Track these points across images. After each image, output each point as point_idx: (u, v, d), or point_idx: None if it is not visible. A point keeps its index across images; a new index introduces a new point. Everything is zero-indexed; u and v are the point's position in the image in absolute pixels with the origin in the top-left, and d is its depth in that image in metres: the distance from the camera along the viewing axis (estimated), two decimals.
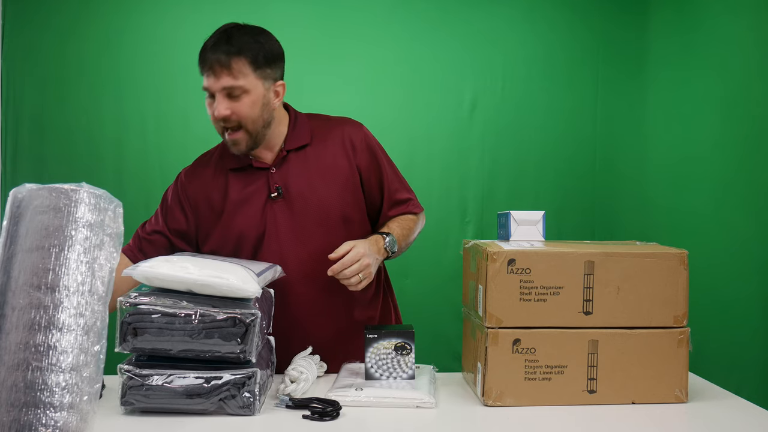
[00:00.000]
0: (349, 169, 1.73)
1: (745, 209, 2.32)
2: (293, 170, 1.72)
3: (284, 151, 1.72)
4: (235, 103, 1.60)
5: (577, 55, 3.09)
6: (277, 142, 1.73)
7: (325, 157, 1.73)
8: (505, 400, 1.41)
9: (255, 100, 1.62)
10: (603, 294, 1.43)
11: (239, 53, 1.60)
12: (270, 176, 1.71)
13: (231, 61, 1.59)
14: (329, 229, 1.69)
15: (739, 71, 2.40)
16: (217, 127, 1.66)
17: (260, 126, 1.65)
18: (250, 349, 1.32)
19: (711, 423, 1.36)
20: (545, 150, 3.07)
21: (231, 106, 1.60)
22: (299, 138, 1.73)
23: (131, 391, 1.32)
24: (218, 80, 1.59)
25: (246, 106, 1.61)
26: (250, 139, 1.65)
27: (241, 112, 1.61)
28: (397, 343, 1.53)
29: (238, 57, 1.59)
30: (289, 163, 1.72)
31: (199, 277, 1.34)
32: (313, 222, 1.70)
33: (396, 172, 1.83)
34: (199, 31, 2.95)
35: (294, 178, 1.71)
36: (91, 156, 2.91)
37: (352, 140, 1.74)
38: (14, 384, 0.89)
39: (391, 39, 3.02)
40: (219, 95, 1.60)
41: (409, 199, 1.83)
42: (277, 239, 1.70)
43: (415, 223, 1.82)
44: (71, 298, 0.93)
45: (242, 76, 1.60)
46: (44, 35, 2.89)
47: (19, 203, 0.99)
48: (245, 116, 1.62)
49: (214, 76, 1.60)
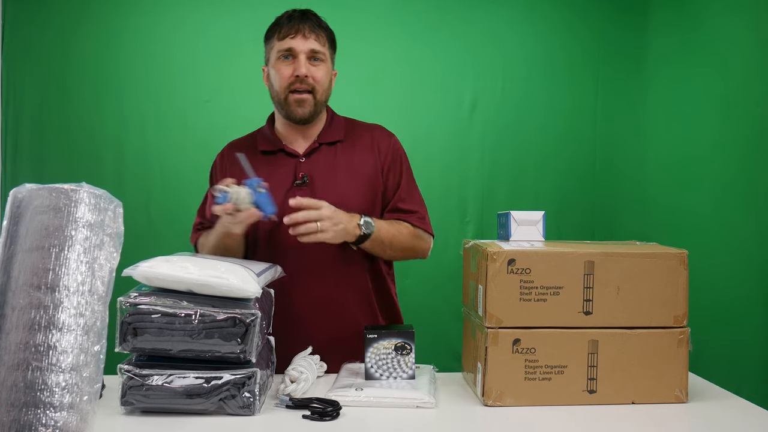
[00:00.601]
0: (373, 172, 1.81)
1: (745, 209, 2.32)
2: (322, 162, 1.78)
3: (317, 143, 1.80)
4: (313, 68, 1.74)
5: (577, 55, 3.09)
6: (313, 134, 1.82)
7: (354, 156, 1.80)
8: (505, 400, 1.41)
9: (327, 72, 1.78)
10: (603, 294, 1.43)
11: (324, 29, 1.78)
12: (298, 164, 1.78)
13: (319, 30, 1.76)
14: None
15: (739, 71, 2.40)
16: (283, 89, 1.74)
17: (324, 98, 1.79)
18: (250, 349, 1.32)
19: (711, 423, 1.36)
20: (545, 150, 3.07)
21: (309, 70, 1.73)
22: (334, 133, 1.83)
23: (131, 391, 1.32)
24: (306, 41, 1.73)
25: (322, 72, 1.75)
26: (314, 106, 1.75)
27: (318, 77, 1.74)
28: (397, 343, 1.53)
29: (323, 30, 1.78)
30: (320, 155, 1.79)
31: (199, 277, 1.34)
32: None
33: (412, 185, 1.88)
34: (199, 31, 2.99)
35: (321, 170, 1.77)
36: (91, 156, 2.91)
37: (379, 145, 1.84)
38: (14, 384, 0.89)
39: (391, 39, 3.03)
40: (302, 56, 1.72)
41: (413, 211, 1.83)
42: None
43: (408, 235, 1.80)
44: (71, 298, 0.93)
45: (324, 46, 1.76)
46: (44, 35, 2.90)
47: (19, 203, 0.99)
48: (319, 81, 1.74)
49: (303, 38, 1.72)
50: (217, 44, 2.98)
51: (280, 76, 1.73)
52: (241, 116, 2.95)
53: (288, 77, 1.72)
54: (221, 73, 2.97)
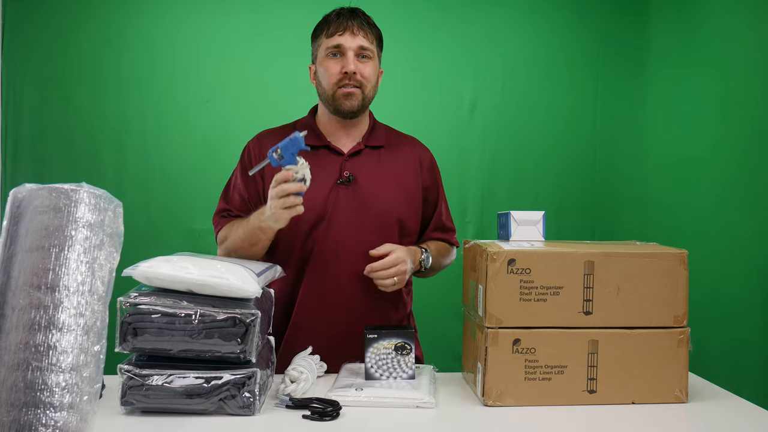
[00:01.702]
0: (415, 184, 1.82)
1: (745, 209, 2.32)
2: (366, 164, 1.79)
3: (362, 144, 1.80)
4: (362, 65, 1.74)
5: (577, 55, 3.09)
6: (357, 134, 1.82)
7: (397, 163, 1.82)
8: (505, 400, 1.41)
9: (374, 69, 1.79)
10: (603, 294, 1.43)
11: (371, 26, 1.79)
12: (343, 162, 1.78)
13: (367, 27, 1.77)
14: (386, 228, 1.75)
15: (739, 71, 2.40)
16: (332, 86, 1.73)
17: (372, 95, 1.80)
18: (250, 349, 1.32)
19: (711, 423, 1.36)
20: (545, 150, 3.08)
21: (358, 66, 1.73)
22: (377, 138, 1.84)
23: (131, 391, 1.32)
24: (355, 38, 1.73)
25: (370, 68, 1.76)
26: (362, 100, 1.75)
27: (366, 74, 1.75)
28: (397, 343, 1.53)
29: (371, 28, 1.79)
30: (364, 156, 1.80)
31: (199, 277, 1.34)
32: (373, 216, 1.74)
33: (445, 203, 1.93)
34: (199, 31, 2.99)
35: (365, 171, 1.78)
36: (91, 156, 2.91)
37: (421, 159, 1.86)
38: (14, 384, 0.89)
39: (391, 39, 3.00)
40: (350, 53, 1.72)
41: (453, 230, 1.94)
42: (336, 224, 1.73)
43: (448, 253, 1.90)
44: (71, 298, 0.93)
45: (372, 44, 1.77)
46: (44, 35, 2.90)
47: (19, 203, 0.99)
48: (368, 77, 1.75)
49: (351, 35, 1.73)
50: (217, 44, 2.98)
51: (329, 73, 1.73)
52: (241, 116, 2.96)
53: (337, 74, 1.72)
54: (221, 73, 2.98)
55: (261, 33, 2.98)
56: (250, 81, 2.98)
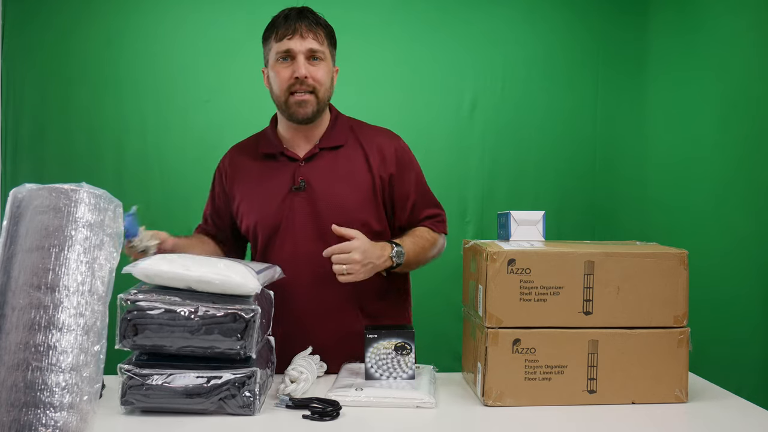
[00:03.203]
0: (371, 178, 1.75)
1: (745, 209, 2.32)
2: (321, 167, 1.75)
3: (318, 147, 1.76)
4: (313, 68, 1.70)
5: (577, 55, 3.09)
6: (315, 136, 1.78)
7: (354, 162, 1.76)
8: (505, 400, 1.41)
9: (328, 71, 1.73)
10: (603, 294, 1.43)
11: (321, 25, 1.73)
12: (297, 168, 1.75)
13: (317, 27, 1.71)
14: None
15: (739, 71, 2.40)
16: (284, 92, 1.71)
17: (326, 98, 1.75)
18: (250, 344, 1.32)
19: (711, 423, 1.36)
20: (545, 150, 3.08)
21: (309, 70, 1.69)
22: (336, 138, 1.79)
23: (131, 391, 1.32)
24: (304, 41, 1.68)
25: (322, 71, 1.71)
26: (316, 105, 1.71)
27: (318, 77, 1.70)
28: (397, 343, 1.53)
29: (321, 27, 1.73)
30: (320, 160, 1.76)
31: (199, 274, 1.34)
32: (329, 221, 1.69)
33: (425, 188, 1.85)
34: (199, 31, 2.99)
35: (320, 176, 1.74)
36: (91, 156, 2.91)
37: (382, 151, 1.78)
38: (14, 384, 0.89)
39: (391, 40, 3.02)
40: (300, 57, 1.68)
41: (431, 216, 1.84)
42: (292, 232, 1.72)
43: (431, 242, 1.81)
44: (71, 298, 0.93)
45: (323, 45, 1.72)
46: (44, 35, 2.90)
47: (19, 203, 0.99)
48: (320, 81, 1.70)
49: (300, 38, 1.68)
50: (217, 44, 2.98)
51: (280, 78, 1.70)
52: (241, 116, 2.96)
53: (287, 79, 1.68)
54: (221, 73, 2.97)
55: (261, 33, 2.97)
56: (250, 81, 2.97)
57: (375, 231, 1.74)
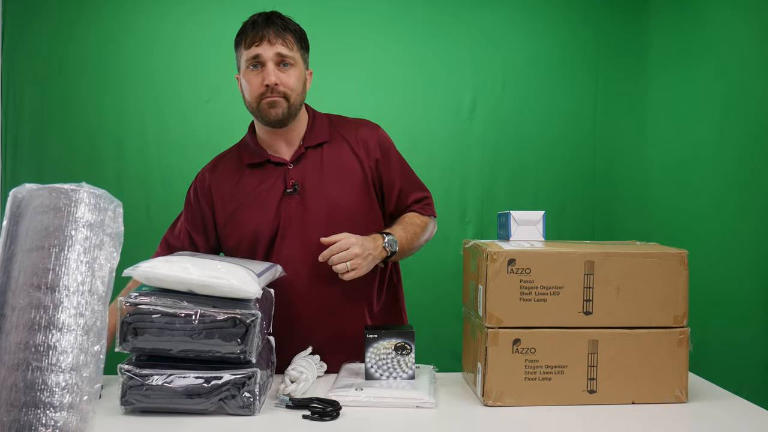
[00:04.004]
0: (361, 170, 1.76)
1: (745, 209, 2.32)
2: (309, 167, 1.75)
3: (303, 147, 1.75)
4: (283, 74, 1.68)
5: (577, 55, 3.09)
6: (296, 138, 1.77)
7: (340, 156, 1.76)
8: (505, 400, 1.41)
9: (299, 76, 1.71)
10: (603, 294, 1.43)
11: (290, 30, 1.71)
12: (287, 172, 1.74)
13: (285, 33, 1.69)
14: (342, 226, 1.69)
15: (739, 71, 2.40)
16: (255, 99, 1.70)
17: (298, 103, 1.73)
18: (251, 349, 1.32)
19: (711, 423, 1.36)
20: (545, 150, 3.07)
21: (279, 77, 1.67)
22: (318, 135, 1.78)
23: (131, 391, 1.32)
24: (272, 47, 1.67)
25: (293, 77, 1.69)
26: (287, 108, 1.70)
27: (288, 83, 1.68)
28: (397, 343, 1.53)
29: (290, 32, 1.70)
30: (307, 159, 1.75)
31: (200, 277, 1.34)
32: (325, 220, 1.71)
33: (409, 173, 1.86)
34: (199, 31, 2.98)
35: (310, 175, 1.74)
36: (91, 156, 2.91)
37: (366, 141, 1.78)
38: (14, 384, 0.89)
39: (391, 39, 3.02)
40: (270, 64, 1.67)
41: (418, 200, 1.84)
42: (291, 236, 1.72)
43: (422, 226, 1.81)
44: (71, 298, 0.93)
45: (293, 50, 1.70)
46: (44, 35, 2.90)
47: (19, 203, 0.99)
48: (291, 87, 1.69)
49: (268, 44, 1.66)
50: (217, 44, 2.97)
51: (251, 86, 1.68)
52: (241, 116, 2.93)
53: (258, 86, 1.67)
54: (221, 73, 2.96)
55: None
56: None
57: (366, 220, 1.75)
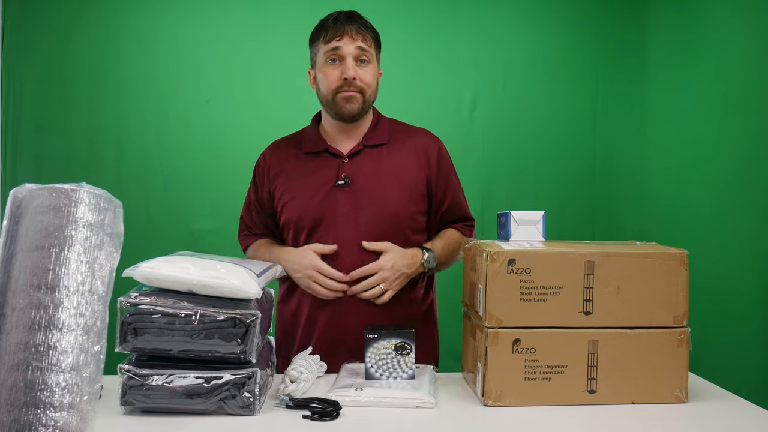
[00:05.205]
0: (418, 177, 1.80)
1: (745, 209, 2.32)
2: (365, 165, 1.78)
3: (362, 144, 1.79)
4: (361, 70, 1.74)
5: (577, 55, 3.09)
6: (358, 135, 1.82)
7: (399, 160, 1.80)
8: (505, 400, 1.41)
9: (374, 73, 1.79)
10: (603, 294, 1.43)
11: (368, 28, 1.78)
12: (341, 165, 1.77)
13: (365, 31, 1.76)
14: (388, 227, 1.74)
15: (739, 71, 2.40)
16: (331, 92, 1.74)
17: (372, 98, 1.80)
18: (250, 349, 1.32)
19: (711, 423, 1.36)
20: (545, 150, 3.07)
21: (357, 72, 1.73)
22: (379, 136, 1.82)
23: (131, 391, 1.32)
24: (354, 42, 1.73)
25: (369, 73, 1.76)
26: (362, 104, 1.76)
27: (366, 79, 1.75)
28: (397, 343, 1.53)
29: (369, 31, 1.78)
30: (363, 157, 1.79)
31: (199, 277, 1.34)
32: (373, 218, 1.74)
33: (461, 191, 1.91)
34: (199, 31, 2.99)
35: (364, 172, 1.77)
36: (91, 156, 2.91)
37: (427, 151, 1.84)
38: (14, 384, 0.89)
39: (391, 39, 2.99)
40: (349, 59, 1.72)
41: (468, 218, 1.91)
42: (334, 227, 1.74)
43: (460, 247, 1.84)
44: (71, 298, 0.93)
45: (371, 47, 1.77)
46: (44, 35, 2.90)
47: (19, 203, 0.99)
48: (368, 83, 1.75)
49: (350, 39, 1.72)
50: (217, 44, 2.98)
51: (328, 79, 1.73)
52: (241, 116, 2.97)
53: (336, 80, 1.72)
54: (221, 73, 2.98)
55: (261, 33, 2.98)
56: (250, 81, 2.98)
57: (416, 229, 1.79)
